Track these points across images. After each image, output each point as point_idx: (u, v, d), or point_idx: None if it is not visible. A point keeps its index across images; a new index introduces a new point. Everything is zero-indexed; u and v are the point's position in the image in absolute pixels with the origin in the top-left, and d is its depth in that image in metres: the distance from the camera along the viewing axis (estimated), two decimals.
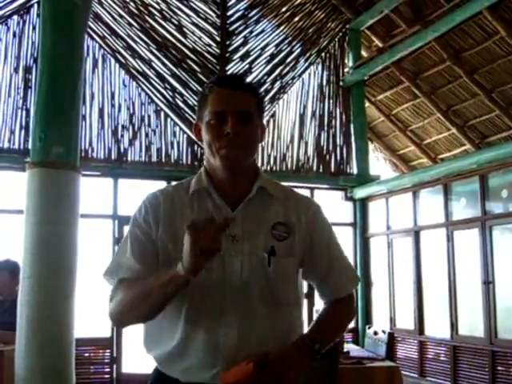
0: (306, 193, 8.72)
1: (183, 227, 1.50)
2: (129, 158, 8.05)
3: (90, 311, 7.62)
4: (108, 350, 7.67)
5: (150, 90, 8.24)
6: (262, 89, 8.77)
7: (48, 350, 3.94)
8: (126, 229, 6.45)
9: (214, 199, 1.71)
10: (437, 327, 7.55)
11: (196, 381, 1.65)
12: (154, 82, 8.28)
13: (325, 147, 9.01)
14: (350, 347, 5.33)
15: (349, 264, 1.88)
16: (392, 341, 5.13)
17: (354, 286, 1.88)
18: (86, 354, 7.57)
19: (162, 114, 8.27)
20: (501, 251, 6.86)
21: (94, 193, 7.73)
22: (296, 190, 1.90)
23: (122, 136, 8.05)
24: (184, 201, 1.73)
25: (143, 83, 8.21)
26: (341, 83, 9.25)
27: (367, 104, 9.89)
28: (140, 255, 1.69)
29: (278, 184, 1.84)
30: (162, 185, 8.06)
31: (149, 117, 8.22)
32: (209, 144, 1.69)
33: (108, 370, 7.65)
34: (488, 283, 6.84)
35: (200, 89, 8.41)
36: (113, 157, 7.97)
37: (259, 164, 8.65)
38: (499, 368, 6.73)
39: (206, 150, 1.71)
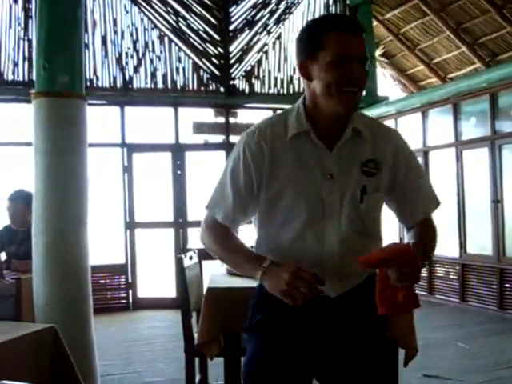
0: None
1: (283, 172, 1.77)
2: (134, 86, 7.99)
3: (105, 239, 7.78)
4: (123, 276, 7.86)
5: (153, 14, 8.08)
6: (267, 10, 8.58)
7: (65, 277, 4.01)
8: (135, 156, 6.55)
9: (312, 141, 1.80)
10: (446, 246, 7.63)
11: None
12: (156, 7, 8.10)
13: None
14: None
15: (428, 187, 1.96)
16: None
17: (434, 208, 1.96)
18: (102, 281, 7.76)
19: (166, 39, 8.14)
20: (510, 170, 6.85)
21: (101, 122, 7.72)
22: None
23: (127, 63, 7.96)
24: (284, 146, 1.80)
25: (145, 8, 8.04)
26: (347, 1, 9.02)
27: (375, 23, 9.65)
28: (239, 205, 1.85)
29: (367, 121, 1.90)
30: (169, 112, 8.05)
31: (153, 43, 8.09)
32: (328, 84, 1.71)
33: (124, 295, 7.86)
34: (497, 202, 6.87)
35: (204, 12, 8.24)
36: (118, 85, 7.90)
37: (266, 88, 8.57)
38: (507, 285, 6.85)
39: (322, 89, 1.74)
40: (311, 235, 1.80)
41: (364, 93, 1.81)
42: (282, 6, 8.69)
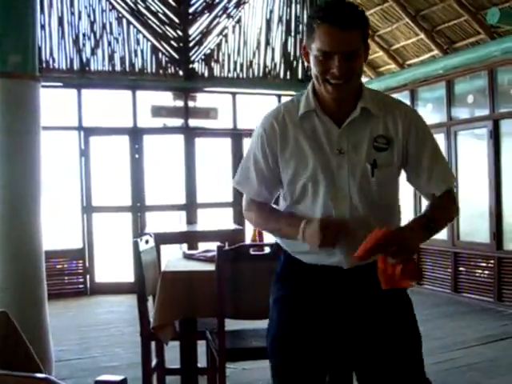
0: (273, 100, 8.68)
1: (294, 148, 1.89)
2: (92, 68, 7.84)
3: (61, 224, 7.68)
4: (80, 261, 7.77)
5: None
6: None
7: (18, 261, 3.95)
8: (92, 140, 6.43)
9: (321, 118, 1.89)
10: None
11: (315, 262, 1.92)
12: None
13: (292, 53, 8.88)
14: None
15: (442, 164, 2.02)
16: None
17: (448, 184, 2.03)
18: (59, 266, 7.66)
19: (125, 21, 8.00)
20: (465, 156, 6.98)
21: (57, 104, 7.57)
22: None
23: (84, 45, 7.80)
24: (295, 123, 1.91)
25: None
26: None
27: None
28: (263, 182, 1.99)
29: (380, 99, 1.95)
30: (127, 95, 7.95)
31: (110, 24, 7.94)
32: (315, 75, 1.84)
33: (81, 280, 7.78)
34: None
35: None
36: (75, 67, 7.75)
37: (225, 71, 8.53)
38: (461, 268, 7.01)
39: (313, 77, 1.86)
40: (323, 209, 1.87)
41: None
42: None
